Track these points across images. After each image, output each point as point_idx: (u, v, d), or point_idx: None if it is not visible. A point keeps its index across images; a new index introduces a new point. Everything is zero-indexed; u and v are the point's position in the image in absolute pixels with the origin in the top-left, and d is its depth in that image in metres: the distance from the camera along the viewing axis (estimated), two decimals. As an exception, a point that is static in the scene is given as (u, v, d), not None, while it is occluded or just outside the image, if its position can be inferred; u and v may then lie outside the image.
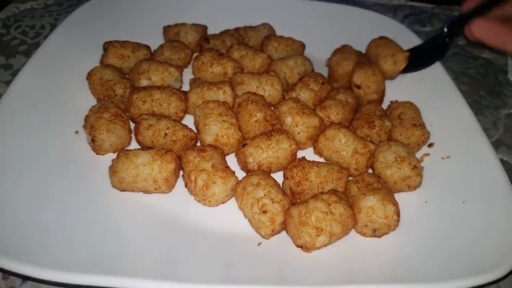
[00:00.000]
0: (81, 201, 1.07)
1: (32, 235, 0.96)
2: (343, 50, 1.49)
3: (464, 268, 0.98)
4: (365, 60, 1.53)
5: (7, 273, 0.99)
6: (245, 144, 1.17)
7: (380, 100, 1.44)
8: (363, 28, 1.79)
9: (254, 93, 1.32)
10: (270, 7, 1.82)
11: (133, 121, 1.28)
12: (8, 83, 1.44)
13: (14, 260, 0.89)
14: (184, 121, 1.31)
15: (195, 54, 1.55)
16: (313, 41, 1.68)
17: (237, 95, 1.34)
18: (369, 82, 1.40)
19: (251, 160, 1.15)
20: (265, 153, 1.15)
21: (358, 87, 1.41)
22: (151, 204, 1.10)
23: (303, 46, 1.59)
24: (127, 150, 1.11)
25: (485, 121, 1.56)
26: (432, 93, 1.51)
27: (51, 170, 1.11)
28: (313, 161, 1.15)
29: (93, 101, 1.33)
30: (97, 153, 1.19)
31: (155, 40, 1.59)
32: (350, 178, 1.17)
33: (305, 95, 1.35)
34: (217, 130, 1.19)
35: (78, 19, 1.55)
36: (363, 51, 1.61)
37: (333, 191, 1.05)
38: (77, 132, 1.23)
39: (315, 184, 1.11)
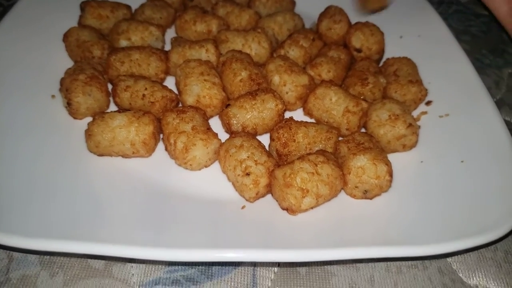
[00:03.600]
0: (58, 167, 1.01)
1: (3, 201, 0.92)
2: (331, 13, 1.37)
3: (461, 230, 0.92)
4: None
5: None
6: (229, 105, 1.10)
7: (380, 59, 1.34)
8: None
9: (240, 51, 1.24)
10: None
11: (112, 84, 1.20)
12: (-18, 47, 1.38)
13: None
14: (166, 83, 1.24)
15: (178, 13, 1.46)
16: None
17: (221, 54, 1.26)
18: (369, 44, 1.31)
19: (234, 121, 1.08)
20: (249, 113, 1.08)
21: (359, 50, 1.31)
22: (130, 169, 1.05)
23: (293, 2, 1.50)
24: (103, 112, 1.05)
25: (487, 80, 1.48)
26: (432, 49, 1.42)
27: (26, 136, 1.06)
28: (301, 121, 1.09)
29: (70, 64, 1.25)
30: (74, 118, 1.13)
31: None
32: (341, 139, 1.11)
33: (294, 53, 1.27)
34: (199, 90, 1.12)
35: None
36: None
37: (321, 152, 0.99)
38: (53, 96, 1.17)
39: (302, 145, 1.04)
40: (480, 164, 1.07)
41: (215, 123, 1.16)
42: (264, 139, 1.11)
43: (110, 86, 1.20)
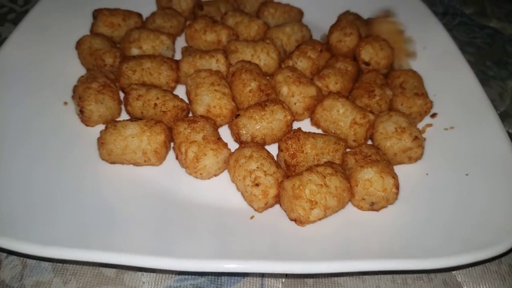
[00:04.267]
0: (70, 174, 1.03)
1: (17, 209, 0.94)
2: (342, 25, 1.38)
3: (465, 243, 0.94)
4: (365, 28, 1.46)
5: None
6: (238, 115, 1.12)
7: (388, 73, 1.36)
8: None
9: (249, 62, 1.26)
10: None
11: (123, 92, 1.23)
12: (-4, 52, 1.40)
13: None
14: (176, 92, 1.26)
15: (188, 22, 1.49)
16: (311, 8, 1.61)
17: (231, 64, 1.28)
18: (378, 58, 1.32)
19: (244, 131, 1.10)
20: (258, 124, 1.10)
21: (367, 64, 1.33)
22: (141, 177, 1.06)
23: (301, 13, 1.52)
24: (116, 121, 1.07)
25: (491, 92, 1.49)
26: (437, 61, 1.44)
27: (39, 143, 1.08)
28: (309, 132, 1.10)
29: (82, 71, 1.28)
30: (86, 125, 1.15)
31: (147, 8, 1.52)
32: (348, 150, 1.12)
33: (302, 64, 1.29)
34: (209, 100, 1.14)
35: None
36: (364, 15, 1.55)
37: (329, 163, 1.01)
38: (65, 103, 1.19)
39: (310, 156, 1.06)
40: (485, 177, 1.09)
41: (225, 132, 1.18)
42: (272, 149, 1.13)
43: (121, 94, 1.22)
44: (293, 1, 1.58)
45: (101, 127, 1.14)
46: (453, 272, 1.01)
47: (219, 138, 1.07)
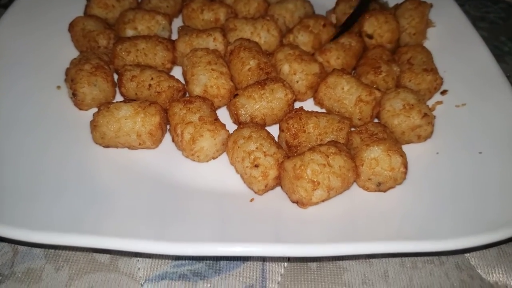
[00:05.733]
0: (62, 158, 0.99)
1: (7, 193, 0.90)
2: None
3: (479, 224, 0.88)
4: (374, 4, 1.39)
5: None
6: (237, 95, 1.07)
7: (394, 49, 1.29)
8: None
9: (248, 40, 1.20)
10: None
11: (117, 74, 1.18)
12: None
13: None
14: (173, 73, 1.21)
15: (185, 2, 1.43)
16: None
17: (229, 42, 1.22)
18: (382, 31, 1.25)
19: (243, 111, 1.05)
20: (258, 103, 1.05)
21: (370, 36, 1.26)
22: (136, 160, 1.02)
23: (303, -12, 1.45)
24: (109, 103, 1.03)
25: (507, 68, 1.43)
26: (448, 36, 1.37)
27: (31, 128, 1.04)
28: (311, 111, 1.05)
29: (76, 54, 1.23)
30: (80, 108, 1.11)
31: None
32: (353, 129, 1.07)
33: (303, 38, 1.23)
34: (206, 80, 1.09)
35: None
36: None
37: (333, 143, 0.95)
38: (58, 87, 1.15)
39: (313, 136, 1.01)
40: (499, 155, 1.03)
41: (223, 114, 1.13)
42: (273, 130, 1.08)
43: (116, 77, 1.17)
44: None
45: (95, 110, 1.10)
46: (466, 255, 0.95)
47: (217, 119, 1.02)
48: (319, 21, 1.26)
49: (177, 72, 1.23)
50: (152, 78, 1.07)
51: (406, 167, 0.95)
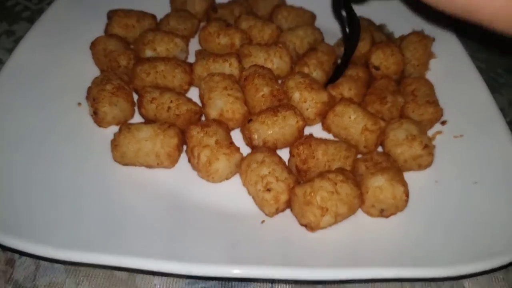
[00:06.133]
0: (82, 175, 1.05)
1: (31, 210, 0.95)
2: None
3: (474, 252, 0.95)
4: (380, 35, 1.46)
5: (4, 248, 0.98)
6: (251, 120, 1.13)
7: (399, 80, 1.37)
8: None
9: (262, 66, 1.27)
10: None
11: (137, 93, 1.24)
12: (10, 50, 1.41)
13: (9, 235, 0.88)
14: (189, 94, 1.28)
15: (202, 24, 1.50)
16: (324, 11, 1.61)
17: (244, 68, 1.29)
18: (388, 63, 1.33)
19: (256, 136, 1.12)
20: (271, 129, 1.12)
21: (377, 68, 1.34)
22: (153, 179, 1.08)
23: (313, 16, 1.53)
24: (129, 123, 1.09)
25: (502, 99, 1.50)
26: (448, 68, 1.44)
27: (52, 143, 1.10)
28: (320, 138, 1.12)
29: (96, 72, 1.30)
30: (100, 126, 1.17)
31: (161, 9, 1.53)
32: (359, 156, 1.14)
33: (318, 75, 1.30)
34: (222, 104, 1.16)
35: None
36: (376, 20, 1.56)
37: (340, 170, 1.02)
38: (79, 104, 1.20)
39: (322, 162, 1.07)
40: (493, 186, 1.10)
41: (236, 135, 1.19)
42: (283, 153, 1.14)
43: (134, 95, 1.23)
44: (306, 3, 1.58)
45: (114, 127, 1.16)
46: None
47: (232, 143, 1.09)
48: (331, 58, 1.32)
49: (192, 92, 1.29)
50: (171, 101, 1.14)
51: (407, 196, 1.01)
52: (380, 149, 1.20)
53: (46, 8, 1.53)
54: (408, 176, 1.09)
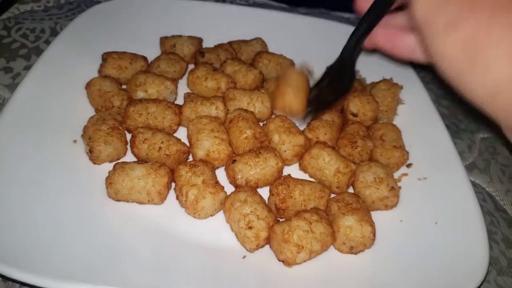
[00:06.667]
0: (77, 210, 1.12)
1: (28, 241, 1.02)
2: None
3: (436, 285, 1.08)
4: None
5: (5, 278, 1.05)
6: (235, 161, 1.24)
7: (370, 125, 1.50)
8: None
9: (245, 110, 1.39)
10: (263, 20, 1.88)
11: (129, 132, 1.34)
12: (8, 86, 1.50)
13: (10, 266, 0.95)
14: (177, 133, 1.38)
15: (190, 66, 1.62)
16: (304, 55, 1.74)
17: (228, 110, 1.40)
18: (365, 110, 1.47)
19: (239, 176, 1.22)
20: (253, 170, 1.22)
21: (355, 115, 1.47)
22: (143, 214, 1.16)
23: (292, 64, 1.66)
24: (124, 162, 1.17)
25: (462, 144, 1.64)
26: (414, 114, 1.59)
27: (49, 177, 1.17)
28: (297, 179, 1.23)
29: (91, 110, 1.38)
30: (94, 163, 1.24)
31: (151, 49, 1.64)
32: (332, 196, 1.25)
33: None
34: (209, 145, 1.26)
35: (78, 28, 1.59)
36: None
37: (315, 210, 1.13)
38: (75, 141, 1.28)
39: (298, 201, 1.19)
40: (451, 226, 1.23)
41: (220, 172, 1.29)
42: (263, 190, 1.25)
43: (127, 134, 1.32)
44: (285, 49, 1.72)
45: (107, 164, 1.25)
46: (420, 312, 1.13)
47: (217, 182, 1.19)
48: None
49: (180, 131, 1.40)
50: (162, 142, 1.23)
51: (374, 235, 1.13)
52: (351, 189, 1.32)
53: (42, 46, 1.64)
54: (375, 215, 1.22)
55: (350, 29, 1.92)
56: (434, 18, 0.89)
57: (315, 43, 1.85)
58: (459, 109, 1.81)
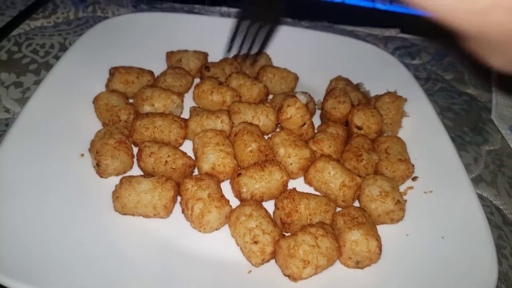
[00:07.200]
0: (83, 223, 1.13)
1: (34, 255, 1.02)
2: (336, 94, 1.54)
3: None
4: (357, 94, 1.62)
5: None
6: (240, 174, 1.24)
7: (374, 138, 1.50)
8: (355, 58, 1.88)
9: (250, 123, 1.40)
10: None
11: (135, 145, 1.35)
12: (18, 100, 1.52)
13: (16, 279, 0.96)
14: (182, 146, 1.39)
15: (196, 80, 1.64)
16: (308, 69, 1.77)
17: (233, 123, 1.42)
18: (370, 124, 1.47)
19: (245, 189, 1.23)
20: (258, 183, 1.23)
21: (359, 128, 1.48)
22: (148, 228, 1.16)
23: (296, 78, 1.68)
24: (130, 176, 1.18)
25: (467, 157, 1.64)
26: (418, 127, 1.59)
27: (56, 190, 1.18)
28: (303, 193, 1.23)
29: (98, 124, 1.40)
30: (101, 177, 1.25)
31: (158, 63, 1.66)
32: (338, 210, 1.25)
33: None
34: (214, 159, 1.27)
35: (86, 44, 1.61)
36: (354, 79, 1.71)
37: (321, 224, 1.13)
38: (82, 155, 1.29)
39: (304, 215, 1.18)
40: (458, 240, 1.22)
41: (224, 186, 1.29)
42: (268, 204, 1.25)
43: (134, 148, 1.34)
44: (289, 63, 1.74)
45: (113, 177, 1.26)
46: (428, 327, 1.12)
47: (222, 196, 1.19)
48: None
49: (185, 145, 1.41)
50: (168, 155, 1.24)
51: (380, 249, 1.13)
52: (356, 202, 1.32)
53: (51, 61, 1.67)
54: (381, 229, 1.21)
55: (354, 42, 1.99)
56: None
57: (319, 56, 1.87)
58: (464, 121, 1.81)
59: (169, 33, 1.80)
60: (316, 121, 1.58)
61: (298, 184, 1.35)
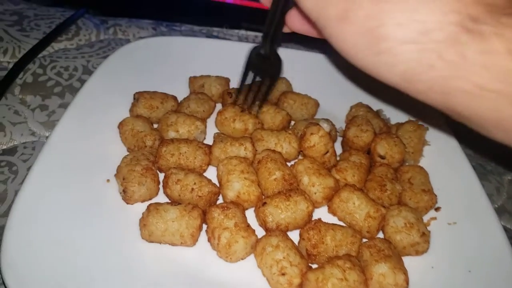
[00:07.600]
0: (110, 250, 1.14)
1: (60, 282, 1.03)
2: (358, 122, 1.55)
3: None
4: (378, 121, 1.62)
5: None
6: (265, 203, 1.25)
7: (397, 168, 1.50)
8: (375, 84, 1.89)
9: (273, 151, 1.40)
10: (288, 60, 1.91)
11: (160, 171, 1.36)
12: (43, 123, 1.54)
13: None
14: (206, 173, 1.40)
15: (218, 105, 1.65)
16: (328, 94, 1.78)
17: (256, 150, 1.42)
18: (393, 153, 1.47)
19: (270, 219, 1.23)
20: (283, 213, 1.23)
21: (382, 157, 1.48)
22: (175, 256, 1.17)
23: (317, 104, 1.69)
24: (157, 204, 1.19)
25: (489, 186, 1.63)
26: (440, 156, 1.59)
27: (83, 216, 1.19)
28: (328, 224, 1.23)
29: (123, 149, 1.41)
30: (127, 203, 1.26)
31: (180, 88, 1.68)
32: (363, 241, 1.25)
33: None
34: (239, 187, 1.27)
35: (110, 68, 1.64)
36: (372, 105, 1.73)
37: (348, 257, 1.13)
38: (108, 180, 1.30)
39: (330, 247, 1.18)
40: (484, 274, 1.21)
41: (248, 213, 1.29)
42: (292, 233, 1.25)
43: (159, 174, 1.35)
44: (310, 89, 1.75)
45: (139, 204, 1.26)
46: None
47: (248, 225, 1.19)
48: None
49: (208, 171, 1.41)
50: (194, 183, 1.25)
51: (407, 282, 1.12)
52: (380, 233, 1.31)
53: (75, 84, 1.69)
54: (406, 260, 1.20)
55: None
56: (324, 11, 0.88)
57: (338, 81, 1.88)
58: (485, 149, 1.80)
59: (190, 57, 1.83)
60: (337, 148, 1.59)
61: (322, 213, 1.35)
